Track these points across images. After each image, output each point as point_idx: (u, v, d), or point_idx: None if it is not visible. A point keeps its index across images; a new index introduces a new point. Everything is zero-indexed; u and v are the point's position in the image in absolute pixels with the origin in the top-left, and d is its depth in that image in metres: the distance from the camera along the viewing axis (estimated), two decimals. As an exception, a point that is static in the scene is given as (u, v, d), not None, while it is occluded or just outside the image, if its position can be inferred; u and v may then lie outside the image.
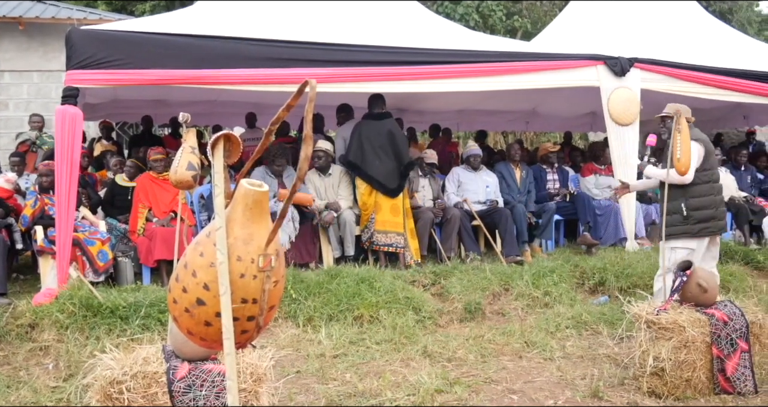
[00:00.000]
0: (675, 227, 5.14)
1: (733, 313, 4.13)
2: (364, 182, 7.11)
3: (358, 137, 7.11)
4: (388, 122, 7.23)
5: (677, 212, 5.14)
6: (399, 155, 7.12)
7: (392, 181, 7.06)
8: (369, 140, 7.06)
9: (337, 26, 6.86)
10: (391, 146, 7.09)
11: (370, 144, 7.05)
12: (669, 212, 5.12)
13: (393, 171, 7.07)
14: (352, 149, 7.13)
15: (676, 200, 5.14)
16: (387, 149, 7.07)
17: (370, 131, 7.10)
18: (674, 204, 5.14)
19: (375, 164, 7.03)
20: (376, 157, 7.03)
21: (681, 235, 5.14)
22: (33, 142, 9.07)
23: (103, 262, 6.16)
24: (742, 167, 9.31)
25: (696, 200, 5.15)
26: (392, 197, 7.06)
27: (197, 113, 9.03)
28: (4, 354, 4.73)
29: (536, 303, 6.03)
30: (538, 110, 11.52)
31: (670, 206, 5.11)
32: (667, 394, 4.02)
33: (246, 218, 1.88)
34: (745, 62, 8.21)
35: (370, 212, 7.07)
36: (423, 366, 4.57)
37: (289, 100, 1.78)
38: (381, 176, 7.03)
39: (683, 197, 5.14)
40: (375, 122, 7.17)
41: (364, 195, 7.11)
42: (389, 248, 7.02)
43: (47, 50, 12.00)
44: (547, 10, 17.90)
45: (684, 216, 5.12)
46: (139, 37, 5.93)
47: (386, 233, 7.01)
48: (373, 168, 7.03)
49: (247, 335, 1.94)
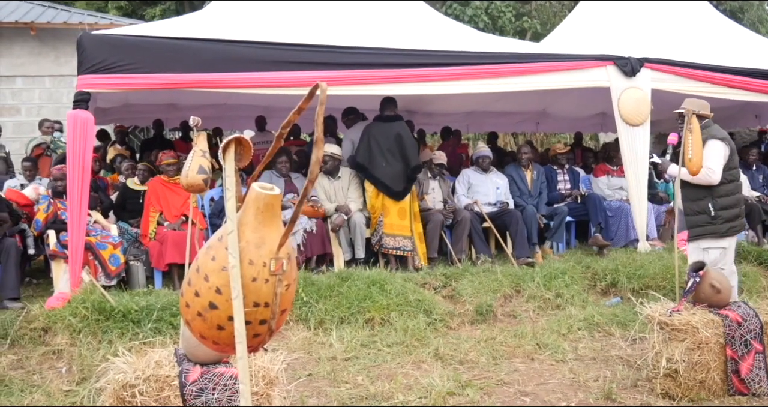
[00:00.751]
0: (702, 227, 5.07)
1: (747, 314, 4.10)
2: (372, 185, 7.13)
3: (367, 139, 7.13)
4: (398, 124, 7.24)
5: (704, 212, 5.06)
6: (407, 158, 7.11)
7: (398, 184, 7.05)
8: (377, 142, 7.08)
9: (347, 29, 6.86)
10: (399, 148, 7.09)
11: (378, 146, 7.06)
12: (695, 212, 5.08)
13: (400, 174, 7.06)
14: (361, 151, 7.15)
15: (702, 200, 5.06)
16: (395, 151, 7.07)
17: (379, 134, 7.12)
18: (700, 204, 5.07)
19: (381, 166, 7.03)
20: (383, 159, 7.03)
21: (709, 235, 5.06)
22: (48, 146, 9.13)
23: (114, 266, 6.19)
24: (754, 167, 9.24)
25: (723, 199, 5.07)
26: (397, 200, 7.07)
27: (207, 116, 9.06)
28: (18, 358, 4.76)
29: (548, 305, 6.01)
30: (548, 110, 11.47)
31: (695, 206, 5.07)
32: (681, 396, 4.00)
33: (258, 221, 1.88)
34: (756, 61, 8.15)
35: (378, 214, 7.09)
36: (435, 368, 4.56)
37: (300, 103, 1.78)
38: (387, 179, 7.03)
39: (710, 197, 5.06)
40: (384, 125, 7.19)
41: (372, 198, 7.14)
42: (397, 252, 7.02)
43: (59, 55, 12.07)
44: (557, 11, 17.86)
45: (711, 216, 5.04)
46: (150, 42, 5.96)
47: (394, 236, 7.02)
48: (379, 170, 7.04)
49: (259, 338, 1.95)
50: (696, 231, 5.07)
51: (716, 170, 4.99)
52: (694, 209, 5.09)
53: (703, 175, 4.96)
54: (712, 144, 5.03)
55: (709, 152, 4.97)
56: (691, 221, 5.11)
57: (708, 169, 4.96)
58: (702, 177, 4.96)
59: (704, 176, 4.97)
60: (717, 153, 5.01)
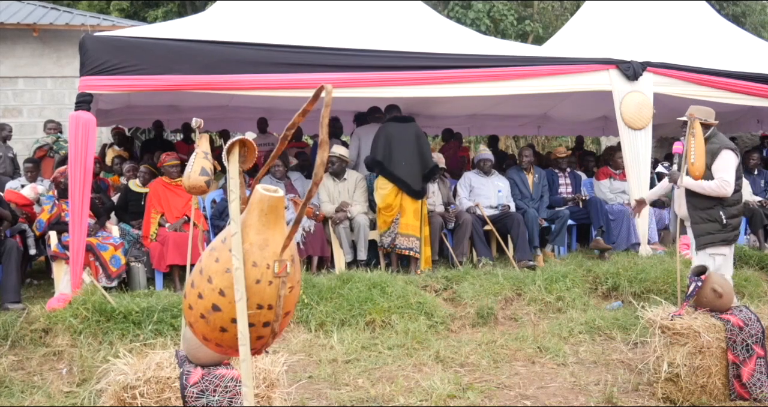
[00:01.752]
0: (712, 235, 5.03)
1: (748, 318, 4.09)
2: (389, 183, 7.02)
3: (385, 138, 7.08)
4: (414, 125, 7.26)
5: (715, 221, 5.02)
6: (424, 159, 7.10)
7: (417, 183, 7.03)
8: (396, 141, 7.03)
9: (349, 31, 6.87)
10: (417, 148, 7.08)
11: (397, 145, 7.01)
12: (705, 220, 5.04)
13: (418, 174, 7.04)
14: (379, 149, 7.06)
15: (713, 209, 5.03)
16: (413, 151, 7.05)
17: (397, 133, 7.08)
18: (711, 213, 5.03)
19: (401, 165, 6.98)
20: (402, 158, 6.99)
21: (719, 243, 5.03)
22: (50, 147, 9.14)
23: (116, 267, 6.19)
24: (756, 171, 9.24)
25: (732, 208, 5.06)
26: (417, 199, 7.03)
27: (209, 118, 9.07)
28: (19, 359, 4.76)
29: (549, 308, 6.01)
30: (550, 114, 11.48)
31: (705, 215, 5.04)
32: (682, 400, 4.00)
33: (261, 223, 1.87)
34: (758, 66, 8.16)
35: (395, 214, 7.00)
36: (435, 371, 4.56)
37: (305, 105, 1.78)
38: (407, 177, 6.97)
39: (719, 206, 5.02)
40: (401, 125, 7.18)
41: (389, 197, 6.99)
42: (410, 252, 6.99)
43: (61, 56, 12.08)
44: (559, 14, 17.86)
45: (723, 224, 5.01)
46: (152, 44, 5.96)
47: (408, 236, 6.99)
48: (399, 169, 6.98)
49: (262, 341, 1.94)
50: (706, 239, 5.03)
51: (731, 181, 4.97)
52: (703, 217, 5.05)
53: (718, 187, 4.95)
54: (726, 155, 5.01)
55: (723, 164, 4.96)
56: (701, 230, 5.06)
57: (723, 181, 4.94)
58: (717, 189, 4.95)
59: (719, 188, 4.95)
60: (731, 165, 4.99)
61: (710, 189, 4.96)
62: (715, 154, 4.99)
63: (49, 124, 9.42)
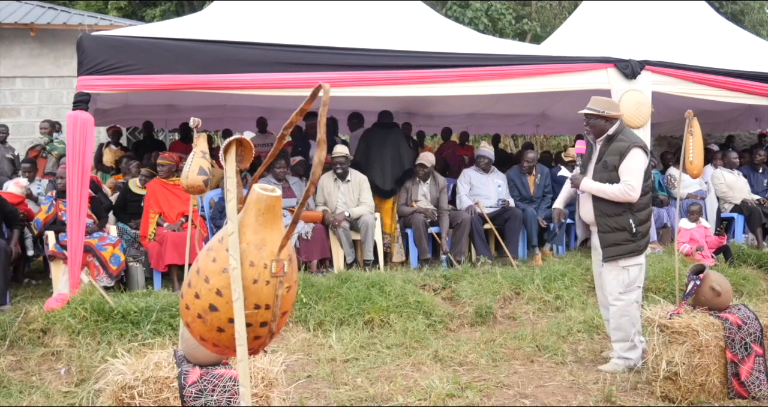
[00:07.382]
0: (620, 246, 4.50)
1: (747, 317, 4.10)
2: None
3: (366, 142, 7.80)
4: (396, 131, 8.00)
5: (624, 229, 4.49)
6: (400, 162, 7.68)
7: (387, 184, 7.60)
8: (376, 146, 7.68)
9: (347, 30, 6.86)
10: (394, 152, 7.67)
11: (376, 149, 7.62)
12: (612, 229, 4.52)
13: (390, 176, 7.61)
14: (359, 152, 7.78)
15: (621, 216, 4.50)
16: (390, 155, 7.64)
17: (377, 138, 7.75)
18: (619, 220, 4.50)
19: (374, 168, 7.58)
20: (377, 161, 7.60)
21: (628, 254, 4.51)
22: (43, 147, 9.13)
23: (116, 266, 6.18)
24: (760, 169, 9.22)
25: (642, 213, 4.55)
26: (384, 198, 7.61)
27: (208, 117, 9.06)
28: (17, 359, 4.75)
29: (548, 307, 6.01)
30: (548, 113, 11.48)
31: (613, 223, 4.51)
32: (681, 399, 4.00)
33: (259, 223, 1.87)
34: (757, 64, 8.15)
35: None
36: (434, 370, 4.56)
37: (302, 104, 1.77)
38: (378, 178, 7.55)
39: (629, 212, 4.50)
40: (383, 130, 7.85)
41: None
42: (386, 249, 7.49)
43: (58, 56, 12.07)
44: (557, 13, 17.87)
45: (632, 233, 4.49)
46: (150, 43, 5.95)
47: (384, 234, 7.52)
48: (372, 171, 7.55)
49: (260, 341, 1.94)
50: (614, 251, 4.51)
51: (636, 186, 4.44)
52: (611, 225, 4.52)
53: (621, 192, 4.45)
54: (635, 155, 4.48)
55: (631, 165, 4.46)
56: (608, 240, 4.53)
57: (628, 185, 4.43)
58: (621, 194, 4.45)
59: (623, 193, 4.45)
60: (640, 166, 4.48)
61: (613, 194, 4.46)
62: (624, 153, 4.47)
63: (43, 124, 9.43)
